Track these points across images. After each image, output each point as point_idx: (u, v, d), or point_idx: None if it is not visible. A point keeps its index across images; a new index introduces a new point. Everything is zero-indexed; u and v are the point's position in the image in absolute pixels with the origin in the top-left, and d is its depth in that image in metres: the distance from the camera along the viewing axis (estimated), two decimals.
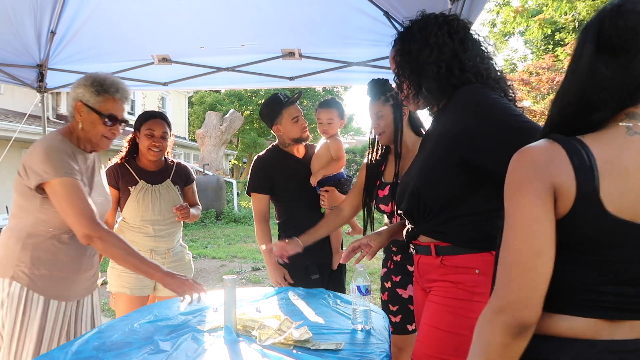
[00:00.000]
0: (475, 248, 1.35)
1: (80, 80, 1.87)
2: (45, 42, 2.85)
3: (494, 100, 1.31)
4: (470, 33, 1.44)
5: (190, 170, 2.78)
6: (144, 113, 2.61)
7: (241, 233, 10.94)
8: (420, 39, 1.41)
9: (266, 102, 2.53)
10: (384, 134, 2.09)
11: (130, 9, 2.63)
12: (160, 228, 2.52)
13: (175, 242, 2.63)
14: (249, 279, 6.33)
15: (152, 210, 2.50)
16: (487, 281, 1.30)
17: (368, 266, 6.72)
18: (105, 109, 1.85)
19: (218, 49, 3.04)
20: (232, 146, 23.14)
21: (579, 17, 17.97)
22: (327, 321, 1.68)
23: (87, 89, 1.83)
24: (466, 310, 1.34)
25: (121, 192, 2.54)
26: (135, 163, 2.59)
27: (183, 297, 1.69)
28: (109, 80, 1.88)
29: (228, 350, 1.40)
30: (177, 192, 2.61)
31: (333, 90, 25.08)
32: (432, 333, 1.40)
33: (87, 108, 1.83)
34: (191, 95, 22.52)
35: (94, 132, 1.86)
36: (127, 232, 2.53)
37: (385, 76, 3.25)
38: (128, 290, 2.48)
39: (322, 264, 2.45)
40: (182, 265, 2.64)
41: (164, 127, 2.53)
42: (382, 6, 2.43)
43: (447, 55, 1.38)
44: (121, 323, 1.69)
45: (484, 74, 1.38)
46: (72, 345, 1.45)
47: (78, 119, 1.84)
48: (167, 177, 2.61)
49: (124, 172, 2.55)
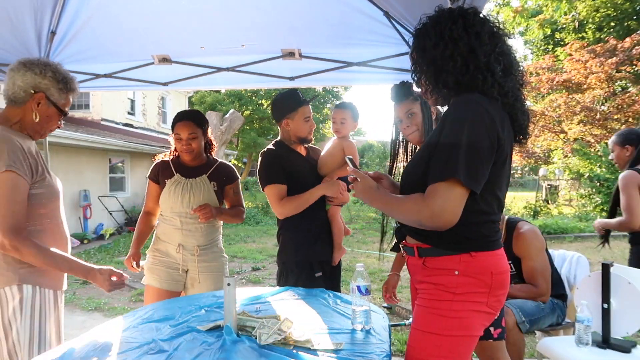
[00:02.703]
0: (454, 250, 1.39)
1: (42, 68, 1.77)
2: (45, 42, 2.84)
3: (466, 118, 1.31)
4: (489, 26, 1.42)
5: (234, 170, 2.78)
6: (175, 115, 2.62)
7: (241, 233, 10.94)
8: (434, 34, 1.41)
9: (284, 94, 2.53)
10: (416, 132, 2.10)
11: (131, 9, 2.63)
12: (187, 221, 2.53)
13: (206, 240, 2.60)
14: (249, 279, 6.33)
15: (180, 202, 2.53)
16: (467, 282, 1.38)
17: (368, 266, 6.74)
18: (64, 106, 1.83)
19: (218, 49, 3.03)
20: (232, 146, 23.12)
21: (579, 17, 17.96)
22: (327, 321, 1.68)
23: (53, 83, 1.78)
24: (447, 311, 1.38)
25: (161, 186, 2.61)
26: (177, 160, 2.66)
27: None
28: (69, 77, 1.85)
29: (228, 350, 1.40)
30: (211, 188, 2.60)
31: (333, 90, 25.08)
32: (419, 336, 1.43)
33: (49, 102, 1.78)
34: (191, 95, 22.50)
35: (48, 125, 1.82)
36: (162, 225, 2.60)
37: (386, 76, 3.27)
38: (157, 282, 2.52)
39: (325, 262, 2.46)
40: (214, 266, 2.61)
41: (190, 129, 2.53)
42: (382, 6, 2.42)
43: (463, 50, 1.37)
44: (121, 323, 1.69)
45: (496, 74, 1.38)
46: (72, 345, 1.45)
47: (34, 109, 1.76)
48: (204, 173, 2.63)
49: (165, 167, 2.63)
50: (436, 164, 1.33)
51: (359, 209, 15.86)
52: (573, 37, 18.02)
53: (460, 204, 1.30)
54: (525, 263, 2.74)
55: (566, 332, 2.83)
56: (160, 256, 2.57)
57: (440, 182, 1.29)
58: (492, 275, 1.38)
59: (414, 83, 1.55)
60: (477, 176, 1.30)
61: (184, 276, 2.58)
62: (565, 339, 2.51)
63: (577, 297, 2.45)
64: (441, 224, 1.30)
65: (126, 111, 16.89)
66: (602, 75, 14.50)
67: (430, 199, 1.30)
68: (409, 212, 1.36)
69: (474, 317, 1.39)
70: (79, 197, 10.46)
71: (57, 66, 1.83)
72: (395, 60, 3.00)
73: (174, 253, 2.55)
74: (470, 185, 1.29)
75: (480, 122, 1.31)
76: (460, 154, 1.27)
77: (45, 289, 1.74)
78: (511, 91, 1.41)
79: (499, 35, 1.43)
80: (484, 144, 1.30)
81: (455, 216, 1.29)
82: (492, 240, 1.42)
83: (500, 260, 1.43)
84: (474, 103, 1.34)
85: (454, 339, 1.38)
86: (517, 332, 2.54)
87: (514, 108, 1.42)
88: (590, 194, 13.53)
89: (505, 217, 2.85)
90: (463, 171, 1.27)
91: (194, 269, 2.56)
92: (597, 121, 14.92)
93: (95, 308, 5.07)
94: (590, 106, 15.09)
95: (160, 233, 2.62)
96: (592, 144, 14.96)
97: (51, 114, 1.81)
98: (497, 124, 1.33)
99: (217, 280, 2.61)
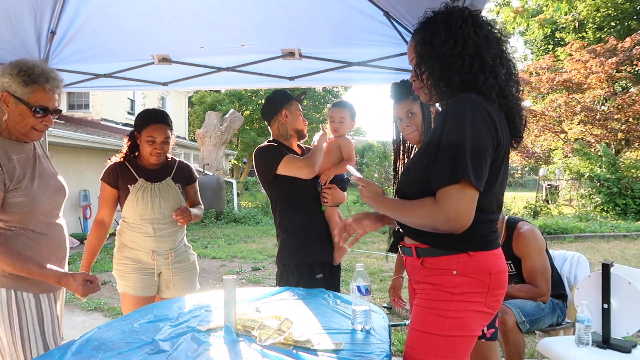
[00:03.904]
0: (452, 250, 1.39)
1: (5, 69, 1.74)
2: (45, 42, 2.84)
3: (467, 117, 1.31)
4: (496, 31, 1.43)
5: (192, 169, 2.74)
6: (144, 114, 2.52)
7: (241, 233, 10.93)
8: (444, 30, 1.39)
9: (275, 92, 2.56)
10: (415, 132, 2.10)
11: (130, 9, 2.62)
12: (160, 227, 2.47)
13: (178, 242, 2.57)
14: (249, 279, 6.33)
15: (151, 209, 2.45)
16: (465, 282, 1.37)
17: (368, 266, 6.74)
18: (34, 100, 1.74)
19: (218, 49, 3.03)
20: (232, 146, 23.15)
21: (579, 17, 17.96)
22: (327, 321, 1.68)
23: (13, 78, 1.72)
24: (445, 311, 1.38)
25: (121, 191, 2.49)
26: (135, 161, 2.54)
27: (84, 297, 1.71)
28: (38, 69, 1.75)
29: (228, 350, 1.40)
30: (177, 190, 2.55)
31: (333, 90, 25.08)
32: (417, 337, 1.43)
33: (15, 99, 1.72)
34: (191, 95, 22.53)
35: (23, 124, 1.76)
36: (128, 232, 2.50)
37: (386, 76, 3.27)
38: (132, 290, 2.46)
39: (325, 262, 2.45)
40: (186, 266, 2.60)
41: (166, 132, 2.45)
42: (382, 6, 2.42)
43: (471, 50, 1.36)
44: (121, 323, 1.69)
45: (500, 77, 1.38)
46: (72, 345, 1.45)
47: (5, 109, 1.73)
48: (168, 175, 2.56)
49: (124, 171, 2.49)
50: (443, 166, 1.31)
51: (359, 209, 15.86)
52: (573, 37, 18.02)
53: (473, 205, 1.29)
54: (525, 263, 2.74)
55: (566, 332, 2.83)
56: (131, 263, 2.47)
57: (451, 185, 1.28)
58: (490, 275, 1.38)
59: (413, 75, 1.52)
60: (482, 176, 1.30)
61: (157, 280, 2.53)
62: (566, 339, 2.51)
63: (577, 297, 2.45)
64: (457, 228, 1.29)
65: (126, 111, 16.89)
66: (603, 75, 14.51)
67: (443, 203, 1.29)
68: (422, 217, 1.35)
69: (473, 317, 1.39)
70: (79, 197, 10.46)
71: (25, 60, 1.76)
72: (395, 60, 3.00)
73: (146, 259, 2.47)
74: (479, 186, 1.29)
75: (481, 121, 1.31)
76: (467, 155, 1.27)
77: (23, 292, 1.74)
78: (511, 94, 1.41)
79: (504, 42, 1.44)
80: (485, 143, 1.30)
81: (470, 218, 1.29)
82: (490, 240, 1.42)
83: (498, 260, 1.43)
84: (472, 102, 1.33)
85: (452, 339, 1.38)
86: (517, 332, 2.54)
87: (512, 111, 1.42)
88: (591, 194, 13.53)
89: (506, 217, 2.85)
90: (472, 172, 1.27)
91: (167, 271, 2.52)
92: (597, 121, 14.93)
93: (95, 308, 5.07)
94: (591, 106, 15.10)
95: (126, 241, 2.51)
96: (592, 144, 14.97)
97: (22, 111, 1.74)
98: (496, 123, 1.33)
99: (191, 278, 2.61)
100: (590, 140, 15.07)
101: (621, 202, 12.78)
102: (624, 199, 12.81)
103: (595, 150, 14.37)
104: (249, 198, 17.73)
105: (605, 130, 14.93)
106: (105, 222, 2.54)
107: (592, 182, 13.30)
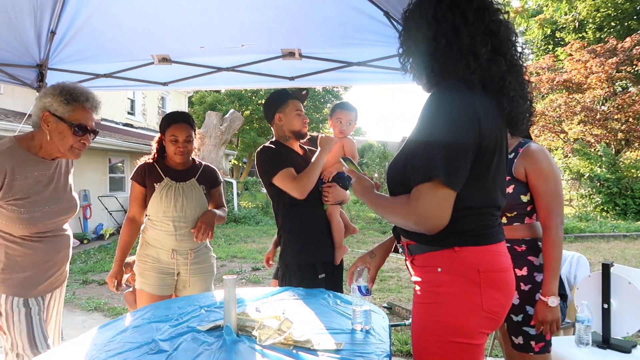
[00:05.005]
0: (437, 245, 1.29)
1: (47, 90, 1.84)
2: (45, 42, 2.85)
3: (443, 112, 1.23)
4: (478, 4, 1.28)
5: (217, 172, 2.79)
6: (166, 116, 2.60)
7: (241, 233, 10.94)
8: (418, 16, 1.33)
9: (273, 92, 2.55)
10: None
11: (130, 9, 2.63)
12: (181, 225, 2.51)
13: (199, 243, 2.60)
14: (249, 279, 6.33)
15: (174, 207, 2.50)
16: (452, 280, 1.27)
17: None
18: (74, 118, 1.82)
19: (218, 49, 3.04)
20: (232, 146, 23.14)
21: (579, 17, 17.96)
22: (327, 321, 1.68)
23: (55, 98, 1.80)
24: (434, 314, 1.29)
25: (147, 189, 2.56)
26: (163, 162, 2.63)
27: None
28: (78, 90, 1.85)
29: (228, 350, 1.40)
30: (201, 191, 2.60)
31: (333, 90, 25.09)
32: (415, 340, 1.37)
33: (55, 118, 1.80)
34: (191, 95, 22.52)
35: (63, 142, 1.84)
36: (151, 230, 2.55)
37: (386, 76, 3.27)
38: (149, 288, 2.50)
39: (327, 263, 2.45)
40: (204, 267, 2.62)
41: (187, 131, 2.52)
42: (382, 6, 2.43)
43: (447, 30, 1.26)
44: (121, 323, 1.69)
45: (481, 57, 1.26)
46: (72, 345, 1.45)
47: (45, 129, 1.81)
48: (193, 176, 2.62)
49: (152, 170, 2.58)
50: (416, 164, 1.24)
51: (359, 209, 15.85)
52: (573, 37, 18.03)
53: (446, 205, 1.21)
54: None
55: (566, 332, 2.83)
56: (151, 262, 2.54)
57: (423, 184, 1.21)
58: (479, 273, 1.26)
59: (401, 67, 1.44)
60: (457, 174, 1.21)
61: (176, 279, 2.57)
62: (565, 339, 2.51)
63: (577, 297, 2.45)
64: (429, 228, 1.22)
65: (126, 111, 16.90)
66: (603, 75, 14.52)
67: (414, 202, 1.22)
68: (398, 216, 1.29)
69: (464, 321, 1.26)
70: (79, 197, 10.47)
71: (64, 83, 1.86)
72: (395, 60, 2.97)
73: (166, 258, 2.52)
74: (452, 185, 1.20)
75: (458, 116, 1.21)
76: (439, 152, 1.19)
77: (10, 296, 1.78)
78: (497, 76, 1.27)
79: (491, 12, 1.29)
80: (464, 139, 1.20)
81: (442, 218, 1.21)
82: (483, 234, 1.30)
83: (492, 257, 1.29)
84: (452, 93, 1.24)
85: (445, 345, 1.27)
86: None
87: (500, 94, 1.29)
88: (591, 194, 13.54)
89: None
90: (444, 171, 1.18)
91: (185, 271, 2.56)
92: (597, 121, 14.93)
93: (95, 308, 5.07)
94: (591, 106, 15.10)
95: (149, 238, 2.57)
96: (592, 144, 14.97)
97: (62, 130, 1.82)
98: (479, 115, 1.22)
99: (207, 280, 2.64)
100: (590, 140, 15.07)
101: (621, 202, 12.79)
102: (624, 199, 12.82)
103: (595, 150, 14.38)
104: (249, 198, 17.75)
105: (605, 130, 14.94)
106: (136, 219, 2.62)
107: (592, 182, 13.31)
